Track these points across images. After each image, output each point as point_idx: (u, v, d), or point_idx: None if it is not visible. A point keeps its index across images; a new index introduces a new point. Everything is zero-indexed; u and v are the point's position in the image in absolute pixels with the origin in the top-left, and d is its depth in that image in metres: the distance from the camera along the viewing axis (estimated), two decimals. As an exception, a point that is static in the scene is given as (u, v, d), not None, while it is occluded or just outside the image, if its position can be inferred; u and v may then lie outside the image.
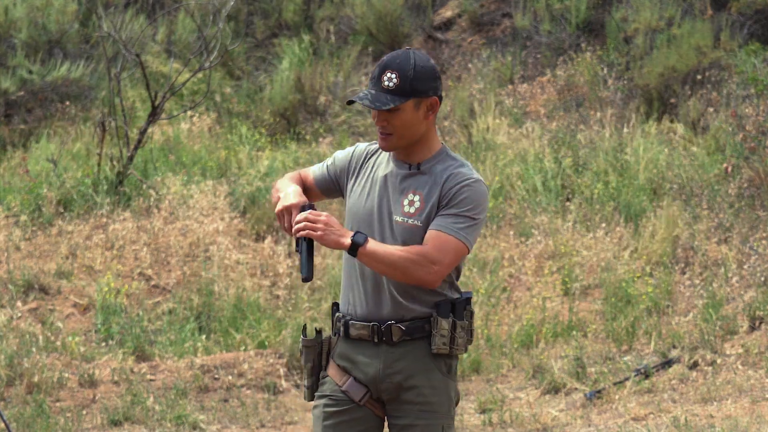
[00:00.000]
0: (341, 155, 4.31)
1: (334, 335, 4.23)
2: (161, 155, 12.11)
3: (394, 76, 4.09)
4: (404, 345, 4.13)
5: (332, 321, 4.25)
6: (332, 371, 4.20)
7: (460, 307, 4.16)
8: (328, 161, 4.33)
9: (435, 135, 4.22)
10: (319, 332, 4.24)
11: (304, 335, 4.24)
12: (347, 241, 4.05)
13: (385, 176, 4.18)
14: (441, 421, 4.18)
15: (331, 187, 4.32)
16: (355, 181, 4.24)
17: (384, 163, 4.21)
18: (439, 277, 4.10)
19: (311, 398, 4.26)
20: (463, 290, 4.22)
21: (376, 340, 4.12)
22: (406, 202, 4.14)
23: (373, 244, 4.06)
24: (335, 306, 4.27)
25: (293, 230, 4.10)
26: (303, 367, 4.25)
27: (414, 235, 4.11)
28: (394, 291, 4.11)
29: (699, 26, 12.39)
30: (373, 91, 4.11)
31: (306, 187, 4.29)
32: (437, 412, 4.16)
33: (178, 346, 9.52)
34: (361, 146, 4.31)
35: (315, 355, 4.22)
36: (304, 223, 4.07)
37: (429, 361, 4.15)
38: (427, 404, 4.14)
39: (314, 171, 4.34)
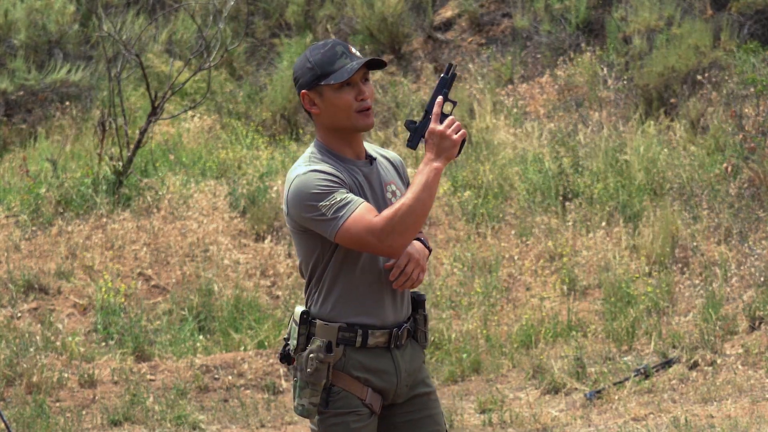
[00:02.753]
0: (343, 184, 4.00)
1: (338, 346, 4.01)
2: (161, 155, 12.11)
3: (358, 50, 4.05)
4: (406, 345, 4.11)
5: (335, 333, 4.03)
6: (348, 384, 4.03)
7: None
8: (351, 195, 3.97)
9: None
10: (329, 345, 4.04)
11: (329, 351, 4.01)
12: (426, 252, 4.10)
13: (359, 180, 4.05)
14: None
15: None
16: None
17: (345, 171, 4.03)
18: None
19: (316, 415, 4.04)
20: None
21: (391, 346, 4.05)
22: (389, 195, 4.07)
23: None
24: (305, 315, 4.04)
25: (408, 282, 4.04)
26: (312, 383, 4.01)
27: None
28: (405, 292, 4.09)
29: (699, 26, 12.39)
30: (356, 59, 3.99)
31: None
32: (438, 398, 4.21)
33: (178, 346, 9.52)
34: (323, 168, 4.00)
35: (326, 371, 4.02)
36: (411, 274, 3.99)
37: (421, 354, 4.16)
38: (433, 393, 4.17)
39: (371, 206, 4.00)
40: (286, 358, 4.10)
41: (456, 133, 3.94)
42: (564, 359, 9.07)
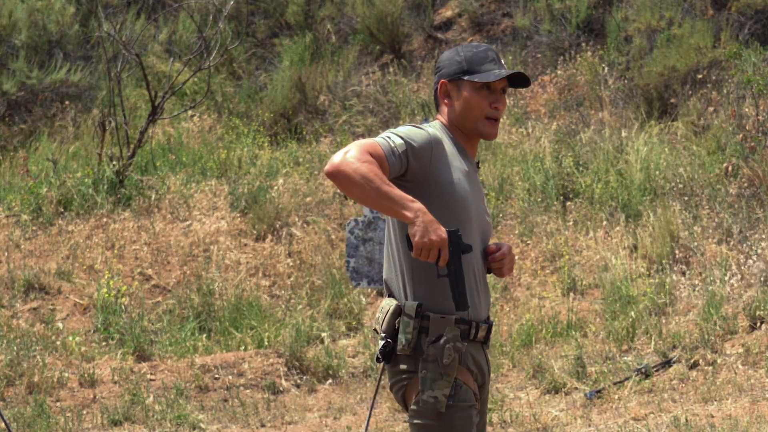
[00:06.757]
0: (419, 143, 3.88)
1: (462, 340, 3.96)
2: (161, 155, 12.12)
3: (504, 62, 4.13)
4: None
5: (452, 326, 3.94)
6: (466, 378, 3.95)
7: None
8: (400, 147, 3.84)
9: None
10: (464, 335, 3.98)
11: (464, 340, 3.94)
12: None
13: (468, 172, 3.98)
14: None
15: (397, 176, 3.98)
16: (446, 171, 3.93)
17: (459, 157, 4.00)
18: None
19: (440, 410, 3.94)
20: None
21: (484, 340, 4.02)
22: (485, 200, 4.08)
23: None
24: (419, 308, 3.93)
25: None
26: (447, 374, 3.91)
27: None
28: (486, 291, 4.07)
29: (699, 26, 12.39)
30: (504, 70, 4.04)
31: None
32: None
33: (178, 345, 9.53)
34: (434, 132, 3.93)
35: (458, 362, 3.96)
36: (506, 261, 3.99)
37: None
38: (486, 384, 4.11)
39: (390, 159, 3.82)
40: (388, 356, 3.95)
41: (432, 244, 3.78)
42: (564, 359, 9.07)
